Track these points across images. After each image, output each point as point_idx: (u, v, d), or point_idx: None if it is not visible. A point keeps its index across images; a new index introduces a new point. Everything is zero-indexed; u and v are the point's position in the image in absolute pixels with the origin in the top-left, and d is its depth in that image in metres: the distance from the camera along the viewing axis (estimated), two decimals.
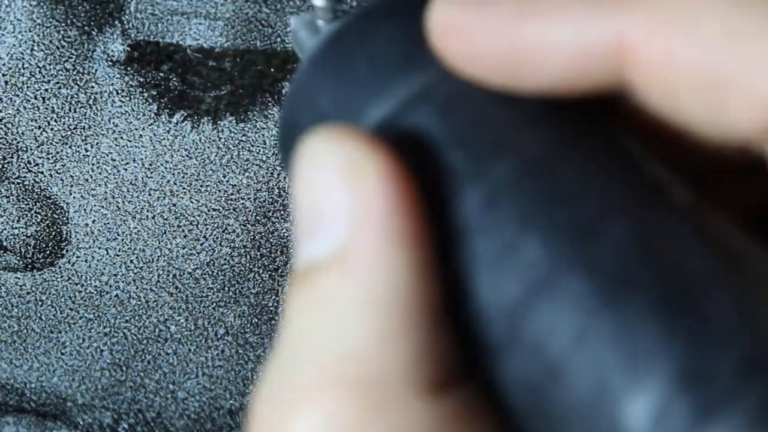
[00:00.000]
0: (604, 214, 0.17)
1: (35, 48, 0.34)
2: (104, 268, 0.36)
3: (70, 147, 0.35)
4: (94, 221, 0.35)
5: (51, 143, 0.34)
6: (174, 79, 0.34)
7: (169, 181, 0.35)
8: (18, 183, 0.35)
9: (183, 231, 0.35)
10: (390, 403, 0.17)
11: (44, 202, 0.35)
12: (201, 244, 0.35)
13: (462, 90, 0.20)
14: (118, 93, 0.34)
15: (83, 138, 0.35)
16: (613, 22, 0.18)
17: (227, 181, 0.34)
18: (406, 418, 0.17)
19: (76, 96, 0.34)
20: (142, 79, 0.34)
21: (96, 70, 0.34)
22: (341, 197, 0.18)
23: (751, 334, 0.16)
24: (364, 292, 0.18)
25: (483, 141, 0.19)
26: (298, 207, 0.19)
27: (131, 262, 0.36)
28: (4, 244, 0.35)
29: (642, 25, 0.18)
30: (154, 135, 0.34)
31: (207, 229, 0.35)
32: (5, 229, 0.35)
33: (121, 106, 0.34)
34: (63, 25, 0.33)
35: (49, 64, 0.34)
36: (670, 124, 0.19)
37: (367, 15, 0.23)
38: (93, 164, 0.35)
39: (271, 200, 0.35)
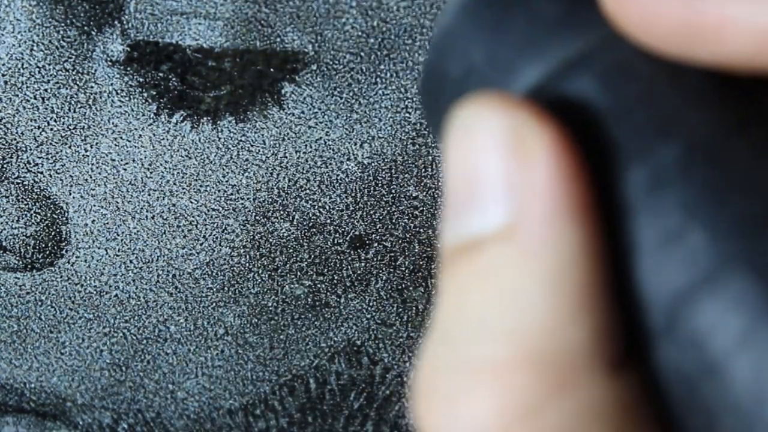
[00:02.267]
0: None
1: (35, 48, 0.34)
2: (104, 268, 0.36)
3: (69, 147, 0.35)
4: (93, 221, 0.35)
5: (51, 143, 0.34)
6: (173, 79, 0.34)
7: (168, 181, 0.35)
8: (18, 183, 0.35)
9: (183, 231, 0.35)
10: (574, 380, 0.17)
11: (44, 202, 0.35)
12: (200, 244, 0.35)
13: (627, 56, 0.19)
14: (117, 93, 0.34)
15: (83, 138, 0.34)
16: None
17: (227, 181, 0.34)
18: (590, 396, 0.17)
19: (75, 96, 0.34)
20: (141, 79, 0.34)
21: (96, 70, 0.34)
22: (507, 169, 0.18)
23: None
24: (538, 267, 0.17)
25: (650, 117, 0.18)
26: (452, 178, 0.18)
27: (131, 262, 0.36)
28: (4, 244, 0.35)
29: None
30: (154, 135, 0.34)
31: (206, 229, 0.35)
32: (5, 229, 0.35)
33: (120, 106, 0.34)
34: (63, 25, 0.33)
35: (49, 64, 0.34)
36: None
37: None
38: (93, 164, 0.35)
39: (271, 200, 0.35)
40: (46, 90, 0.34)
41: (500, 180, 0.18)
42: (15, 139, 0.34)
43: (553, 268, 0.17)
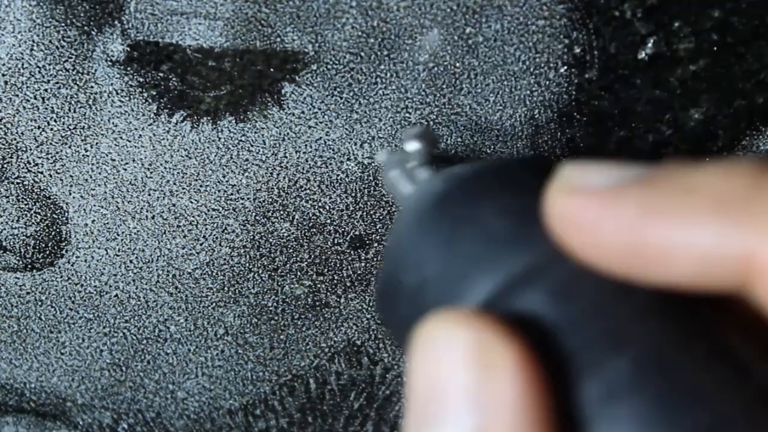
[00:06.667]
0: (721, 425, 0.17)
1: (35, 48, 0.34)
2: (104, 268, 0.36)
3: (69, 147, 0.35)
4: (93, 221, 0.35)
5: (51, 143, 0.34)
6: (173, 79, 0.34)
7: (168, 181, 0.35)
8: (18, 183, 0.35)
9: (183, 231, 0.35)
10: None
11: (44, 202, 0.35)
12: (201, 244, 0.35)
13: (574, 272, 0.20)
14: (117, 93, 0.34)
15: (83, 138, 0.34)
16: (743, 234, 0.18)
17: (227, 181, 0.34)
18: None
19: (75, 96, 0.34)
20: (141, 79, 0.34)
21: (96, 70, 0.34)
22: (472, 382, 0.18)
23: None
24: None
25: (600, 331, 0.19)
26: (415, 389, 0.19)
27: (131, 262, 0.36)
28: (4, 244, 0.35)
29: None
30: (154, 135, 0.34)
31: (207, 229, 0.35)
32: (5, 229, 0.35)
33: (120, 106, 0.34)
34: (63, 25, 0.33)
35: (49, 64, 0.34)
36: None
37: (475, 179, 0.23)
38: (93, 164, 0.35)
39: (271, 200, 0.35)
40: (46, 90, 0.34)
41: (465, 393, 0.18)
42: (15, 139, 0.34)
43: None
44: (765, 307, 0.19)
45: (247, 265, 0.36)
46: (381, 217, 0.35)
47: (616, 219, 0.19)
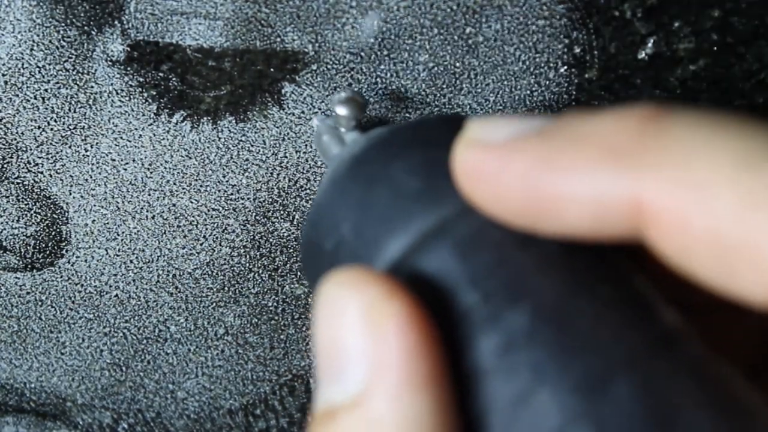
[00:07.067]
0: (614, 368, 0.18)
1: (35, 48, 0.34)
2: (104, 268, 0.36)
3: (69, 147, 0.35)
4: (94, 221, 0.35)
5: (51, 143, 0.34)
6: (173, 79, 0.34)
7: (168, 181, 0.35)
8: (18, 183, 0.35)
9: (183, 231, 0.35)
10: None
11: (44, 202, 0.35)
12: (201, 244, 0.35)
13: (480, 227, 0.20)
14: (117, 93, 0.34)
15: (83, 138, 0.35)
16: (632, 179, 0.19)
17: (227, 181, 0.34)
18: None
19: (75, 96, 0.34)
20: (141, 79, 0.34)
21: (96, 70, 0.34)
22: (361, 341, 0.19)
23: None
24: None
25: (499, 284, 0.19)
26: (319, 349, 0.20)
27: (131, 262, 0.36)
28: (4, 244, 0.35)
29: (659, 187, 0.18)
30: (154, 135, 0.34)
31: (207, 229, 0.35)
32: (5, 229, 0.35)
33: (120, 106, 0.34)
34: (63, 25, 0.33)
35: (49, 64, 0.34)
36: (682, 273, 0.19)
37: (388, 140, 0.23)
38: (93, 164, 0.35)
39: (271, 200, 0.35)
40: (46, 90, 0.34)
41: (355, 351, 0.19)
42: (15, 139, 0.34)
43: None
44: (659, 251, 0.19)
45: (248, 265, 0.36)
46: None
47: (513, 171, 0.20)
